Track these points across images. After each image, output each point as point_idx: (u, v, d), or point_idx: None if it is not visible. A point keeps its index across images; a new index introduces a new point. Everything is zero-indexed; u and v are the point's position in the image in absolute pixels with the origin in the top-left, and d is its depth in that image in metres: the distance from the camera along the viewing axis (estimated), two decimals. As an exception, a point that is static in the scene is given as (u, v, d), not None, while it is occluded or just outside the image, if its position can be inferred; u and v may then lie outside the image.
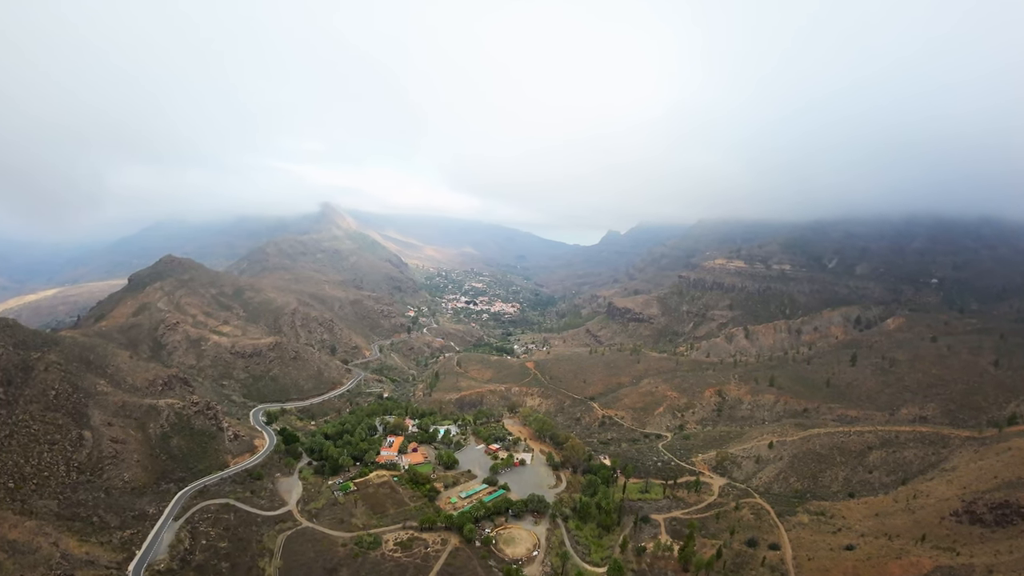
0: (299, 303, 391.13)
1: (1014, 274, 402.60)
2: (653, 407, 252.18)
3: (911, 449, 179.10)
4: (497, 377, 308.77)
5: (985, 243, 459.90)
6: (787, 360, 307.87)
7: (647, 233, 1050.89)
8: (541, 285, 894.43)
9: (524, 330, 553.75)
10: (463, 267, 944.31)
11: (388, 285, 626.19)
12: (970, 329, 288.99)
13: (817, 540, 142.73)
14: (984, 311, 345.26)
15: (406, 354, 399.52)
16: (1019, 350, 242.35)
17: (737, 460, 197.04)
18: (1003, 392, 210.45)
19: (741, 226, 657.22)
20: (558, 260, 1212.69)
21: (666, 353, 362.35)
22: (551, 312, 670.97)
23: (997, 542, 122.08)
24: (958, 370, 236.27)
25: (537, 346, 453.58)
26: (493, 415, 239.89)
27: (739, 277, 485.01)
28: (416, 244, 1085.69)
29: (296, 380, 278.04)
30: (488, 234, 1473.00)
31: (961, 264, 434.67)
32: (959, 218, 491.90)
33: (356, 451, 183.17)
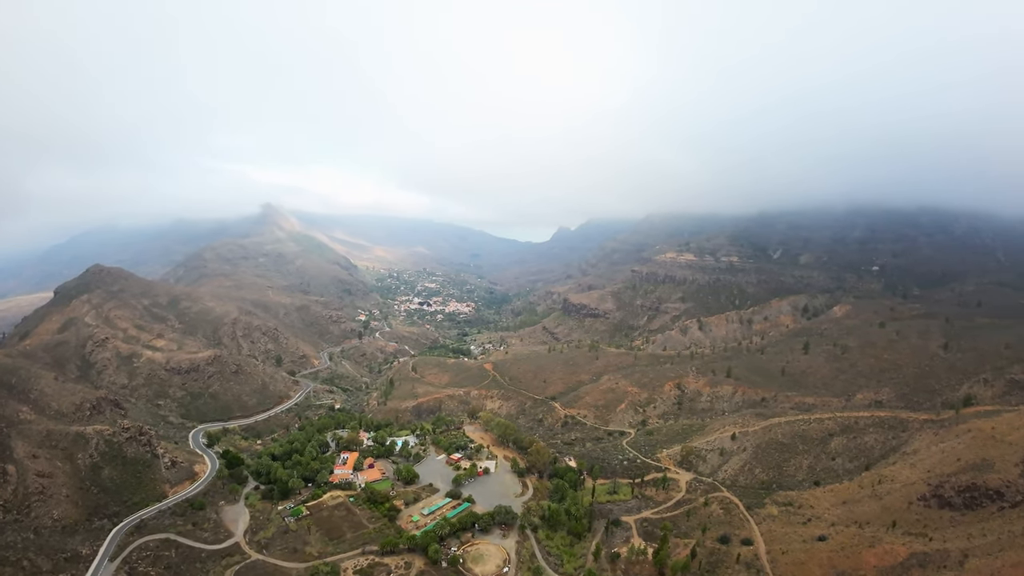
0: (240, 312, 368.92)
1: (952, 260, 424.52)
2: (615, 404, 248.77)
3: (871, 434, 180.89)
4: (455, 381, 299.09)
5: (923, 231, 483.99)
6: (741, 350, 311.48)
7: (597, 228, 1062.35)
8: (495, 283, 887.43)
9: (480, 329, 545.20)
10: (415, 267, 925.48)
11: (336, 289, 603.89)
12: (915, 314, 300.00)
13: (788, 532, 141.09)
14: (926, 296, 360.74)
15: (358, 361, 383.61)
16: (966, 333, 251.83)
17: (702, 454, 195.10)
18: (955, 375, 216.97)
19: (689, 220, 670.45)
20: (511, 257, 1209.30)
21: (624, 348, 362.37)
22: (507, 310, 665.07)
23: (968, 525, 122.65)
24: (909, 354, 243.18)
25: (494, 346, 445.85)
26: (453, 422, 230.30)
27: (690, 270, 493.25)
28: (365, 245, 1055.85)
29: (239, 396, 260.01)
30: (440, 233, 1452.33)
31: (901, 252, 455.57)
32: (898, 208, 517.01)
33: (307, 471, 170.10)
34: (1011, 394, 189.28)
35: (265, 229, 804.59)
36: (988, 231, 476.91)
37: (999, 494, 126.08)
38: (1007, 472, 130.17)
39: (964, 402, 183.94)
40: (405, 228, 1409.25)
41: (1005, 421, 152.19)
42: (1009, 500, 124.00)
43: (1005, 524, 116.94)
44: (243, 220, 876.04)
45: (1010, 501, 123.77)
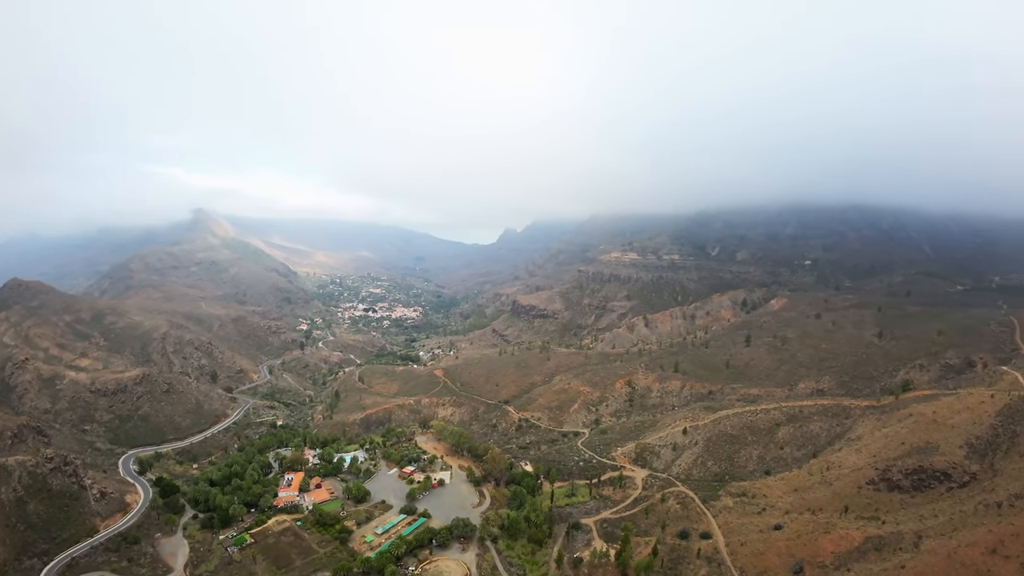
0: (170, 325, 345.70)
1: (880, 253, 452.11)
2: (568, 404, 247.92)
3: (816, 422, 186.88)
4: (404, 389, 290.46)
5: (852, 226, 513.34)
6: (687, 345, 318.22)
7: (542, 230, 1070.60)
8: (442, 286, 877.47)
9: (429, 334, 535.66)
10: (359, 272, 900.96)
11: (275, 297, 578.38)
12: (849, 304, 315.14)
13: (745, 523, 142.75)
14: (857, 287, 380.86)
15: (300, 373, 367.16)
16: (898, 322, 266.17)
17: (655, 450, 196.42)
18: (891, 361, 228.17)
19: (632, 220, 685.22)
20: (458, 260, 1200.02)
21: (574, 348, 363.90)
22: (455, 313, 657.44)
23: (919, 507, 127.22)
24: (845, 343, 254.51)
25: (444, 350, 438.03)
26: (404, 433, 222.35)
27: (634, 268, 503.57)
28: (305, 250, 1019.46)
29: (171, 417, 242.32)
30: (384, 236, 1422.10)
31: (831, 246, 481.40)
32: (828, 205, 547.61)
33: (249, 496, 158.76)
34: (946, 378, 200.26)
35: (197, 236, 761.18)
36: (914, 225, 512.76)
37: (946, 475, 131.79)
38: (952, 454, 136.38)
39: (902, 387, 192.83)
40: (348, 232, 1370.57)
41: (945, 405, 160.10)
42: (957, 481, 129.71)
43: (955, 504, 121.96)
44: (174, 227, 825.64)
45: (958, 482, 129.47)
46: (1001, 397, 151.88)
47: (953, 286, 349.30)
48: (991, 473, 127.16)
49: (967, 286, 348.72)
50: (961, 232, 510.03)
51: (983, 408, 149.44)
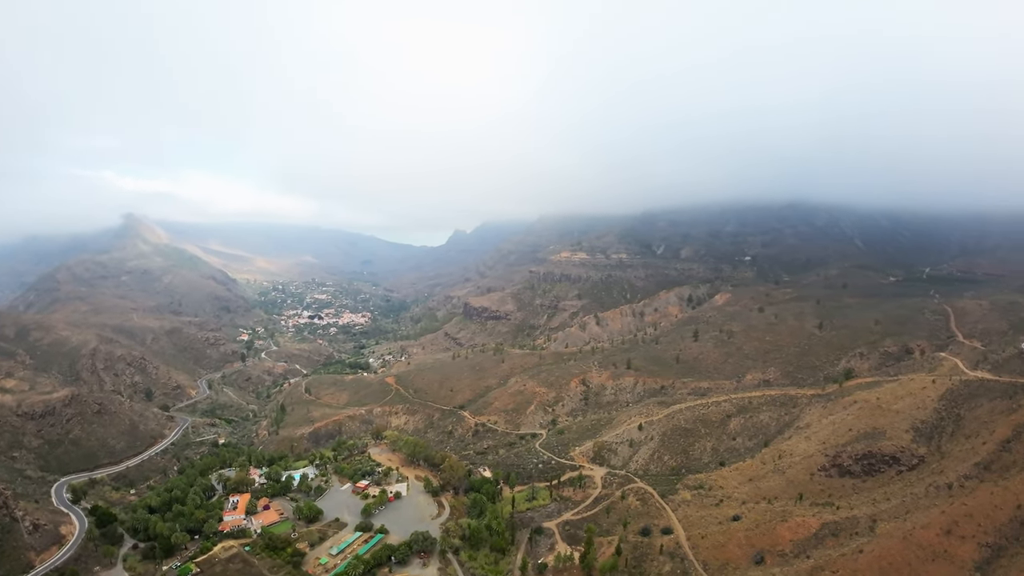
0: (100, 340, 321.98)
1: (814, 248, 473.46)
2: (524, 406, 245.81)
3: (766, 412, 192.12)
4: (355, 399, 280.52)
5: (788, 223, 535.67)
6: (638, 342, 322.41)
7: (492, 231, 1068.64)
8: (391, 290, 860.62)
9: (379, 340, 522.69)
10: (303, 278, 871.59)
11: (214, 307, 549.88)
12: (789, 297, 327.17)
13: (704, 515, 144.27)
14: (795, 281, 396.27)
15: (242, 387, 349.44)
16: (837, 313, 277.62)
17: (612, 447, 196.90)
18: (832, 351, 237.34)
19: (580, 220, 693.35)
20: (407, 263, 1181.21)
21: (528, 348, 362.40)
22: (405, 318, 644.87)
23: (871, 491, 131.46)
24: (788, 335, 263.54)
25: (395, 356, 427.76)
26: (356, 446, 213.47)
27: (584, 268, 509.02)
28: (245, 256, 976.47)
29: (104, 440, 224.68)
30: (329, 240, 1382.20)
31: (769, 242, 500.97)
32: (766, 203, 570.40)
33: (192, 522, 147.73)
34: (886, 365, 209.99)
35: (128, 243, 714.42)
36: (846, 221, 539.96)
37: (895, 459, 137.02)
38: (899, 439, 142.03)
39: (845, 376, 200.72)
40: (290, 236, 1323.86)
41: (888, 391, 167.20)
42: (906, 464, 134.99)
43: (906, 487, 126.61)
44: (103, 233, 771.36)
45: (907, 465, 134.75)
46: (943, 382, 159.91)
47: (886, 278, 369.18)
48: (939, 456, 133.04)
49: (899, 277, 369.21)
50: (891, 227, 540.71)
51: (926, 393, 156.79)
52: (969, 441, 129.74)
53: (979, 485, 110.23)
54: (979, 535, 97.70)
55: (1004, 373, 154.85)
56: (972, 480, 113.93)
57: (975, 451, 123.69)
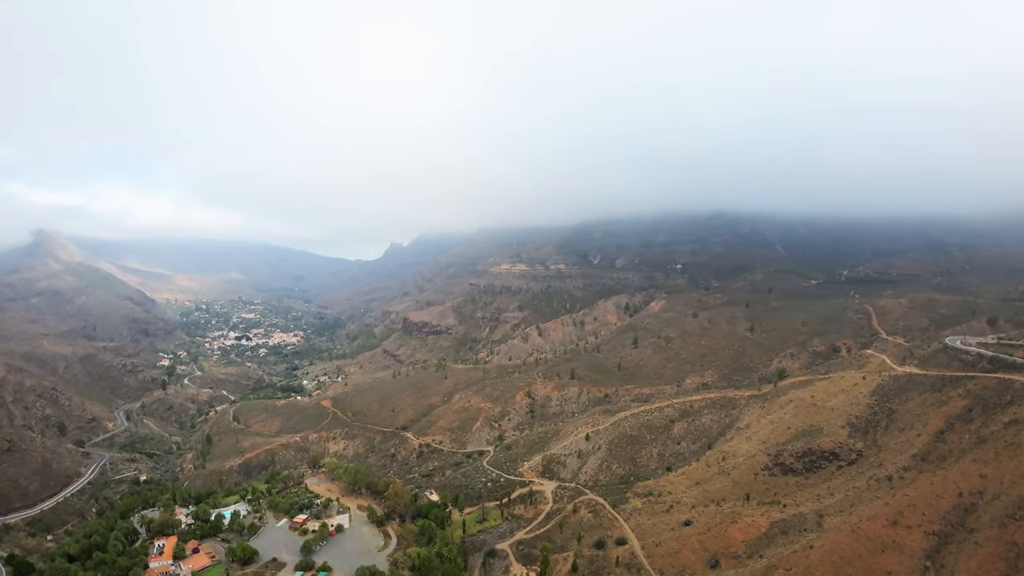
0: (8, 369, 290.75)
1: (740, 254, 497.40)
2: (470, 423, 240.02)
3: (707, 415, 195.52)
4: (288, 426, 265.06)
5: (715, 232, 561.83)
6: (580, 351, 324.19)
7: (430, 243, 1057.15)
8: (325, 307, 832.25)
9: (313, 361, 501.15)
10: (229, 296, 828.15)
11: (131, 330, 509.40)
12: (719, 303, 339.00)
13: (656, 523, 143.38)
14: (724, 287, 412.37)
15: (164, 417, 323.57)
16: (765, 315, 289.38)
17: (561, 459, 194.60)
18: (764, 352, 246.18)
19: (518, 232, 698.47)
20: (341, 278, 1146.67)
21: (471, 363, 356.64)
22: (341, 336, 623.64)
23: (814, 487, 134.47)
24: (722, 339, 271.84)
25: (331, 377, 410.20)
26: (292, 476, 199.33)
27: (524, 279, 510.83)
28: (165, 274, 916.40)
29: (15, 480, 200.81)
30: (257, 255, 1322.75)
31: (698, 250, 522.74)
32: (694, 214, 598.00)
33: (115, 570, 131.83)
34: (816, 364, 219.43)
35: (38, 262, 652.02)
36: (768, 229, 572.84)
37: (834, 455, 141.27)
38: (836, 435, 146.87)
39: (779, 376, 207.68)
40: (215, 252, 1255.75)
41: (821, 389, 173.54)
42: (845, 459, 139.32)
43: (848, 482, 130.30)
44: (10, 252, 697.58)
45: (846, 460, 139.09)
46: (873, 378, 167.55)
47: (808, 280, 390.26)
48: (876, 449, 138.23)
49: (820, 280, 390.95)
50: (809, 233, 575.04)
51: (858, 389, 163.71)
52: (904, 434, 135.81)
53: (918, 476, 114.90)
54: (924, 524, 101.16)
55: (931, 367, 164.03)
56: (911, 471, 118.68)
57: (911, 443, 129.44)
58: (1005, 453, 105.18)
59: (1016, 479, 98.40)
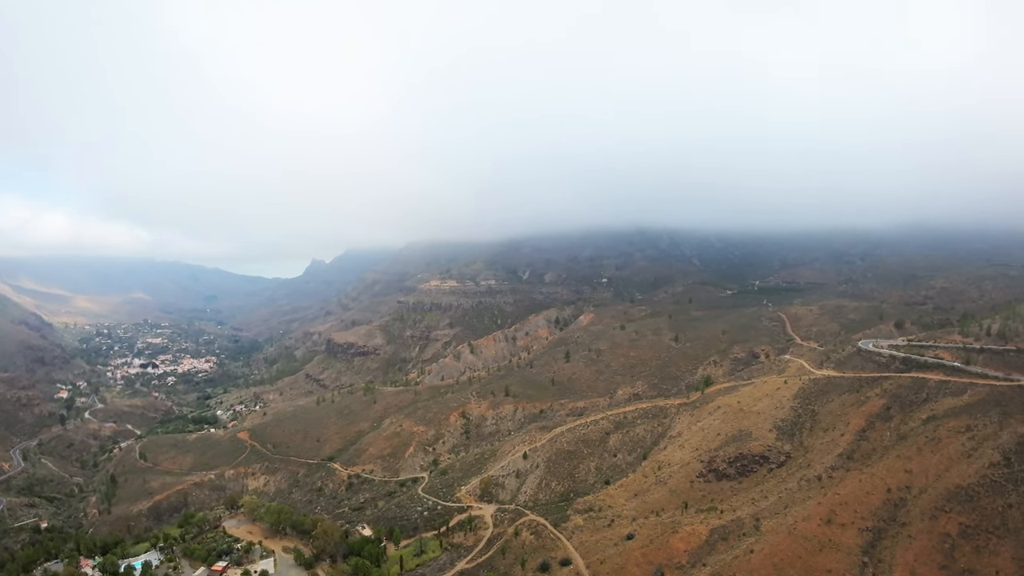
0: None
1: (660, 268, 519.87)
2: (402, 449, 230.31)
3: (640, 425, 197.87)
4: (202, 462, 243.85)
5: (637, 247, 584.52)
6: (513, 367, 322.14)
7: (355, 260, 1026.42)
8: (240, 329, 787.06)
9: (227, 388, 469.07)
10: (133, 319, 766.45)
11: (25, 358, 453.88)
12: (644, 314, 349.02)
13: (599, 539, 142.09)
14: (647, 299, 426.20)
15: (64, 455, 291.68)
16: (688, 325, 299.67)
17: (499, 481, 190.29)
18: (689, 361, 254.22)
19: (447, 247, 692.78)
20: (258, 297, 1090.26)
21: (401, 385, 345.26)
22: (258, 360, 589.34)
23: (748, 492, 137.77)
24: (649, 349, 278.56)
25: (247, 406, 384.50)
26: (207, 519, 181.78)
27: (454, 296, 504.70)
28: (64, 295, 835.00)
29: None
30: (165, 274, 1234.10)
31: (622, 265, 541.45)
32: (618, 230, 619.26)
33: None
34: (738, 370, 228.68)
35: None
36: (686, 243, 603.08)
37: (764, 458, 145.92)
38: (764, 438, 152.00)
39: (705, 383, 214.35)
40: (118, 270, 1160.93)
41: (746, 394, 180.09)
42: (775, 462, 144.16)
43: (780, 483, 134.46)
44: None
45: (776, 462, 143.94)
46: (794, 382, 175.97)
47: (724, 291, 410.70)
48: (803, 450, 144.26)
49: (734, 290, 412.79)
50: (723, 247, 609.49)
51: (781, 393, 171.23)
52: (828, 434, 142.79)
53: (846, 474, 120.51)
54: (858, 521, 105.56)
55: (847, 369, 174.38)
56: (839, 470, 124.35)
57: (836, 443, 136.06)
58: (927, 448, 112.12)
59: (940, 473, 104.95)
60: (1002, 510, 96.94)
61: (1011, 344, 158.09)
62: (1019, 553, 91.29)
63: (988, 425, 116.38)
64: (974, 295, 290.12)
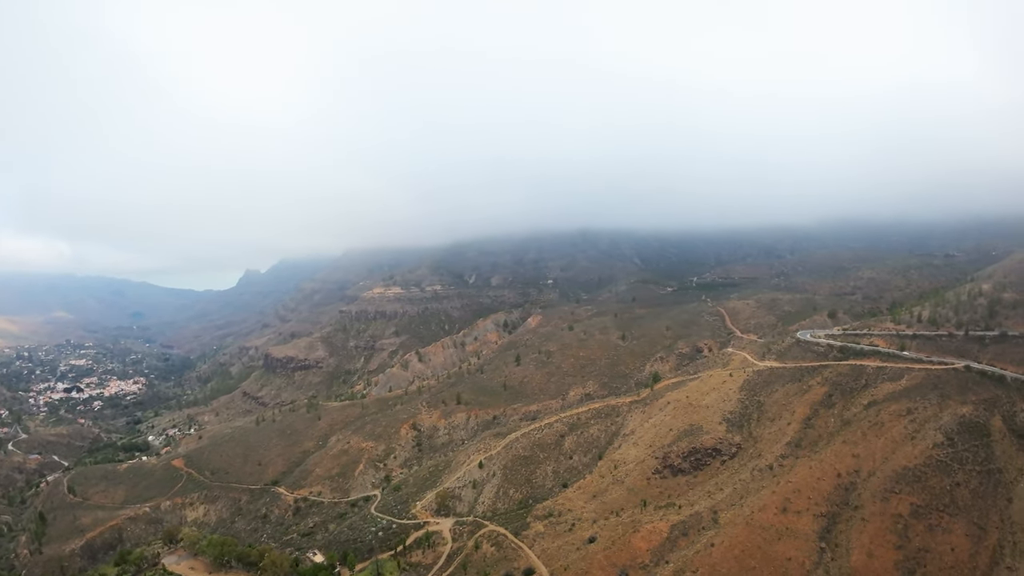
0: None
1: (602, 268, 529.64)
2: (352, 467, 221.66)
3: (594, 425, 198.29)
4: (135, 494, 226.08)
5: (580, 249, 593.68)
6: (463, 374, 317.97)
7: (292, 269, 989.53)
8: (170, 346, 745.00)
9: (158, 411, 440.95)
10: (55, 340, 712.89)
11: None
12: (590, 314, 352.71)
13: (561, 545, 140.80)
14: (592, 299, 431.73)
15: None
16: (633, 323, 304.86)
17: (456, 493, 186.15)
18: (636, 358, 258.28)
19: (390, 253, 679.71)
20: (189, 312, 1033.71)
21: (347, 399, 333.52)
22: (191, 379, 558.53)
23: (703, 484, 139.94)
24: (598, 348, 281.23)
25: (181, 430, 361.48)
26: (145, 556, 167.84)
27: (399, 303, 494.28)
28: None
29: None
30: (88, 290, 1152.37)
31: (566, 266, 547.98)
32: (562, 231, 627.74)
33: None
34: (684, 365, 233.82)
35: None
36: (626, 244, 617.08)
37: (716, 451, 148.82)
38: (715, 431, 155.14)
39: (653, 379, 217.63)
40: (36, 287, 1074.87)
41: (694, 388, 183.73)
42: (727, 453, 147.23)
43: (733, 475, 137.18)
44: None
45: (728, 454, 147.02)
46: (739, 375, 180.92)
47: (664, 289, 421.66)
48: (753, 441, 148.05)
49: (674, 287, 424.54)
50: (660, 246, 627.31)
51: (727, 386, 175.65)
52: (775, 424, 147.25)
53: (796, 462, 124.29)
54: (812, 507, 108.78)
55: (788, 360, 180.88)
56: (789, 459, 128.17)
57: (783, 432, 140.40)
58: (871, 432, 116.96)
59: (887, 455, 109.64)
60: (950, 489, 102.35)
61: (942, 329, 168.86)
62: (971, 530, 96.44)
63: (928, 408, 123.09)
64: (900, 284, 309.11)
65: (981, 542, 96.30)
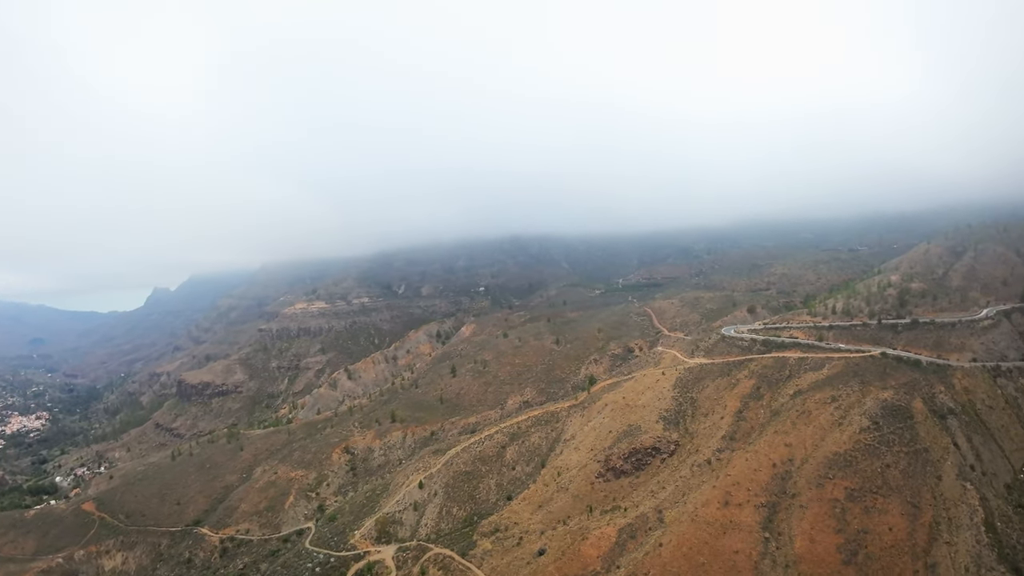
0: None
1: (533, 273, 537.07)
2: (281, 500, 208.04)
3: (535, 433, 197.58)
4: (46, 543, 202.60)
5: (510, 255, 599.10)
6: (397, 390, 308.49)
7: (204, 285, 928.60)
8: (74, 376, 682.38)
9: (65, 449, 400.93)
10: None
11: None
12: (523, 320, 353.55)
13: (511, 561, 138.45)
14: (524, 304, 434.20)
15: None
16: (566, 327, 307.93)
17: (397, 517, 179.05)
18: (570, 362, 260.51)
19: (311, 265, 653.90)
20: (92, 336, 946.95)
21: (271, 425, 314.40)
22: (98, 411, 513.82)
23: (645, 484, 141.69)
24: (533, 354, 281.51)
25: (90, 469, 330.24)
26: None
27: (324, 318, 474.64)
28: None
29: None
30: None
31: (496, 273, 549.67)
32: (491, 238, 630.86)
33: None
34: (618, 366, 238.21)
35: None
36: (556, 248, 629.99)
37: (656, 449, 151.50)
38: (652, 430, 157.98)
39: (589, 382, 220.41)
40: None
41: (629, 389, 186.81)
42: (666, 451, 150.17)
43: (674, 472, 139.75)
44: None
45: (667, 452, 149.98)
46: (671, 373, 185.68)
47: (592, 291, 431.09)
48: (689, 437, 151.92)
49: (602, 290, 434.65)
50: (587, 249, 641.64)
51: (660, 385, 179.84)
52: (709, 419, 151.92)
53: (732, 455, 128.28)
54: (752, 499, 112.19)
55: (715, 355, 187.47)
56: (725, 452, 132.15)
57: (717, 426, 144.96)
58: (800, 421, 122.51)
59: (817, 443, 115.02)
60: (881, 470, 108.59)
61: (856, 319, 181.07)
62: (906, 509, 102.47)
63: (851, 394, 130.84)
64: (812, 278, 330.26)
65: (917, 520, 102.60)
